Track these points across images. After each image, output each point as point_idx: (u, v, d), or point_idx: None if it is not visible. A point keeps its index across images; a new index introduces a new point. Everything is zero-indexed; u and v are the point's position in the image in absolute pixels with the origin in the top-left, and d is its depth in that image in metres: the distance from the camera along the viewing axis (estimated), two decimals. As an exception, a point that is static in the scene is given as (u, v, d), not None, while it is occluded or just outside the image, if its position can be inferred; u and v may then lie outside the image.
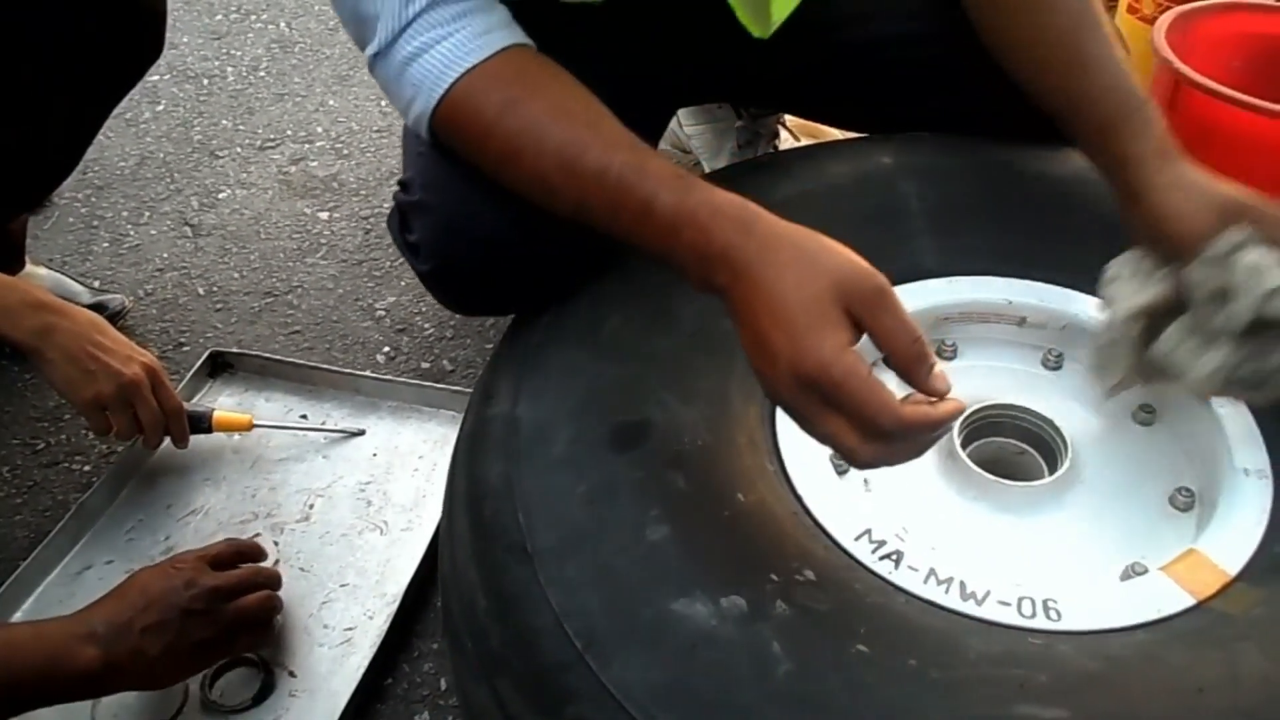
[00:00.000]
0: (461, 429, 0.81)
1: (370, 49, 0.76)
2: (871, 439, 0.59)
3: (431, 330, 1.34)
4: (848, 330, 0.60)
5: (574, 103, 0.71)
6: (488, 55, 0.73)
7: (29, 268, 1.33)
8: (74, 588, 1.01)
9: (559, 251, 0.81)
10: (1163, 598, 0.66)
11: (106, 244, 1.50)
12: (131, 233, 1.52)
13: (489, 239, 0.81)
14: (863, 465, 0.62)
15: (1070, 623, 0.65)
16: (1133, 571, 0.71)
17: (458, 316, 1.35)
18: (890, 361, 0.61)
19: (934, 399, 0.60)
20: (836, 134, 1.29)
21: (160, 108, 1.79)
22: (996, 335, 0.88)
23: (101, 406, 1.00)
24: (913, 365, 0.60)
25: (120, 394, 1.00)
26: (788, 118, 1.44)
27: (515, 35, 0.75)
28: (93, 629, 0.79)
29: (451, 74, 0.72)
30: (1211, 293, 0.71)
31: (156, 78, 1.84)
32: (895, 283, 0.82)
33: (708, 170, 1.41)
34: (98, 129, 1.19)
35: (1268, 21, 1.32)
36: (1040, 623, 0.65)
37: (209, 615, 0.85)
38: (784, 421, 0.76)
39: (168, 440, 1.12)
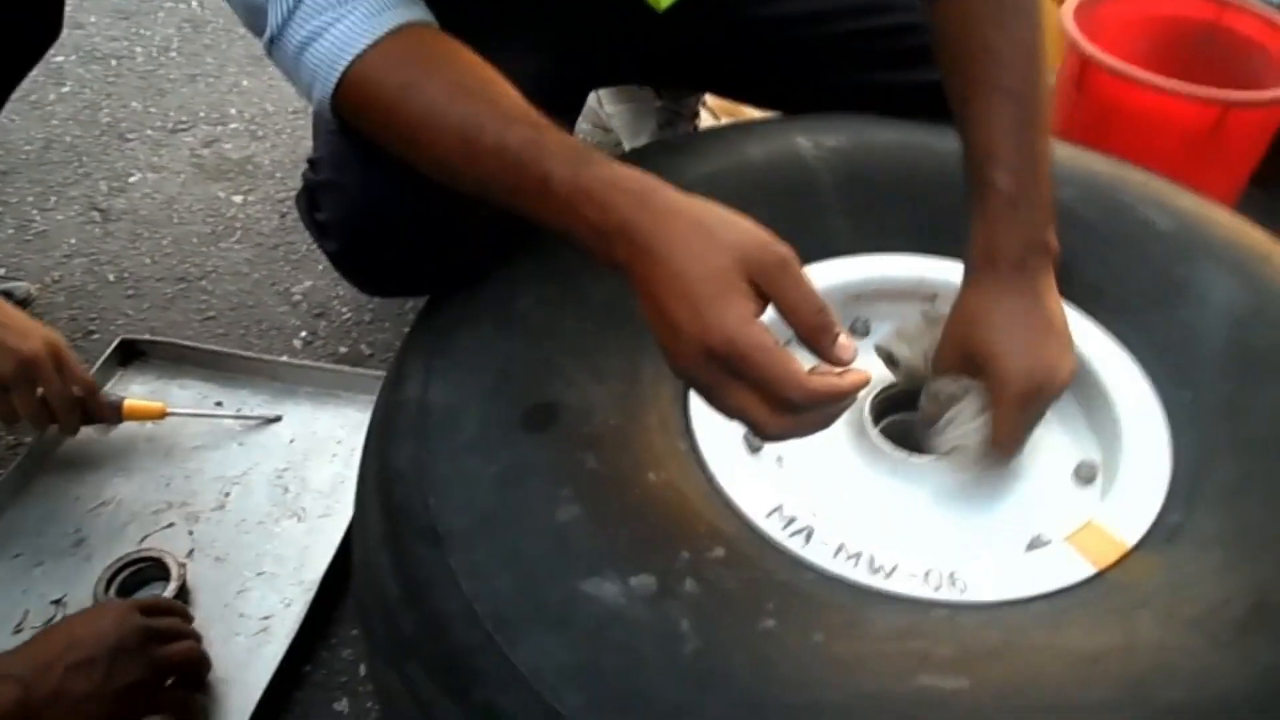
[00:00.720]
0: (373, 413, 0.80)
1: (265, 36, 0.74)
2: (779, 411, 0.59)
3: (349, 314, 1.33)
4: (752, 301, 0.60)
5: (472, 79, 0.70)
6: (381, 35, 0.71)
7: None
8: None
9: (469, 230, 0.81)
10: (1064, 568, 0.68)
11: (11, 230, 1.45)
12: (37, 218, 1.48)
13: (397, 218, 0.80)
14: (771, 438, 0.62)
15: (975, 594, 0.66)
16: (1037, 543, 0.73)
17: (376, 300, 1.33)
18: (796, 331, 0.61)
19: (840, 370, 0.61)
20: (757, 114, 1.29)
21: (66, 89, 1.74)
22: (908, 312, 0.89)
23: (2, 387, 0.96)
24: (817, 334, 0.60)
25: (21, 372, 0.95)
26: (708, 98, 1.44)
27: (412, 12, 0.73)
28: (8, 670, 0.73)
29: (345, 58, 0.71)
30: (927, 419, 0.77)
31: (61, 58, 1.78)
32: (808, 261, 0.83)
33: (627, 149, 1.41)
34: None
35: (1172, 4, 1.35)
36: (946, 595, 0.66)
37: (141, 654, 0.79)
38: (696, 401, 0.76)
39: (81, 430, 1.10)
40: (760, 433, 0.61)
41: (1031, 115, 0.77)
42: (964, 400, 0.75)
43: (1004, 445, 0.75)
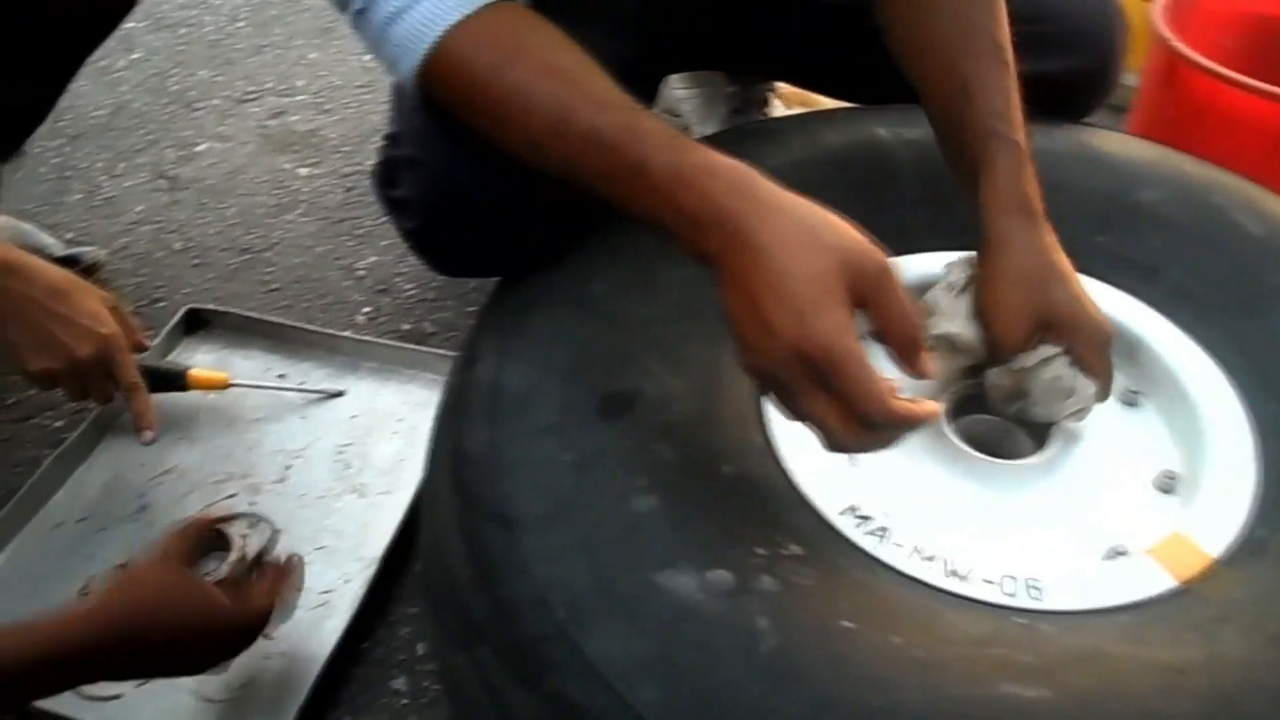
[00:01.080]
0: (444, 393, 0.79)
1: (351, 8, 0.74)
2: (855, 425, 0.59)
3: (413, 291, 1.33)
4: (850, 310, 0.59)
5: (565, 60, 0.70)
6: (472, 11, 0.70)
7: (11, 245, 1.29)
8: (46, 544, 1.00)
9: (550, 214, 0.80)
10: (1145, 579, 0.67)
11: (80, 196, 1.47)
12: (106, 185, 1.49)
13: (478, 198, 0.79)
14: (837, 449, 0.62)
15: (1053, 602, 0.65)
16: (1116, 553, 0.71)
17: (440, 278, 1.33)
18: (885, 341, 0.61)
19: (917, 402, 0.61)
20: (828, 103, 1.28)
21: (135, 56, 1.76)
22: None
23: (51, 379, 0.97)
24: (909, 349, 0.61)
25: (71, 370, 0.96)
26: (780, 85, 1.42)
27: None
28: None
29: (434, 33, 0.70)
30: (1007, 394, 0.77)
31: (132, 25, 1.79)
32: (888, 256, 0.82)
33: (696, 136, 1.39)
34: (70, 78, 1.16)
35: (1266, 2, 1.32)
36: (1023, 602, 0.65)
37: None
38: (771, 394, 0.75)
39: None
40: (829, 442, 0.61)
41: (1010, 76, 0.79)
42: (1055, 364, 0.74)
43: (1108, 392, 0.76)
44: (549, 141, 0.68)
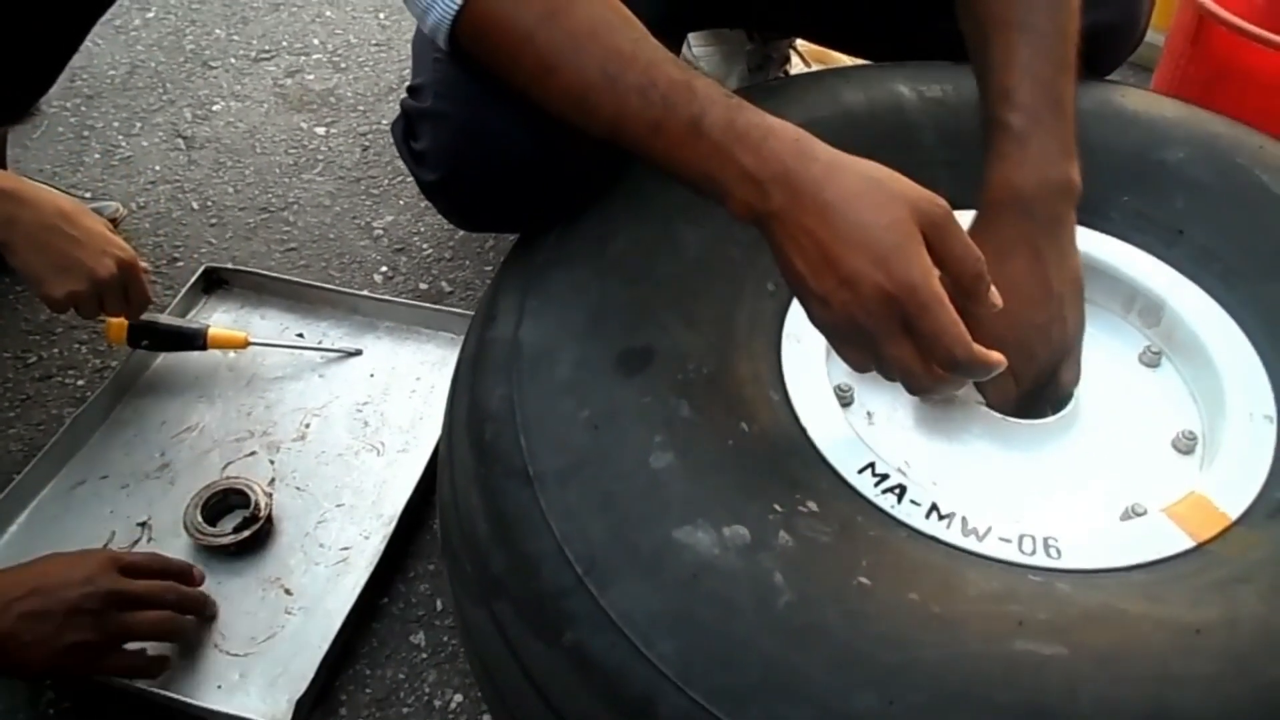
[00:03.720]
0: (463, 350, 0.80)
1: None
2: (937, 367, 0.62)
3: (430, 251, 1.33)
4: (928, 254, 0.61)
5: (614, 16, 0.69)
6: None
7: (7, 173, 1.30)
8: (68, 502, 1.01)
9: (572, 169, 0.80)
10: (1163, 539, 0.66)
11: (98, 155, 1.47)
12: (123, 144, 1.49)
13: (503, 150, 0.79)
14: (919, 391, 0.64)
15: (1070, 561, 0.65)
16: (1133, 512, 0.71)
17: (457, 237, 1.33)
18: (956, 283, 0.63)
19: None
20: (847, 60, 1.26)
21: (151, 15, 1.75)
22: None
23: (72, 302, 0.97)
24: (977, 283, 0.62)
25: (93, 291, 0.96)
26: (799, 42, 1.41)
27: None
28: None
29: None
30: None
31: (147, -16, 1.79)
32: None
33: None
34: (83, 36, 1.15)
35: (1295, -43, 1.29)
36: (1040, 560, 0.65)
37: (97, 618, 0.80)
38: (789, 352, 0.75)
39: (161, 357, 1.12)
40: (910, 384, 0.63)
41: (1051, 51, 0.76)
42: None
43: (995, 405, 0.76)
44: (599, 96, 0.67)
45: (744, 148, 0.63)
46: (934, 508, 0.67)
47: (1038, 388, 0.76)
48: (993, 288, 0.63)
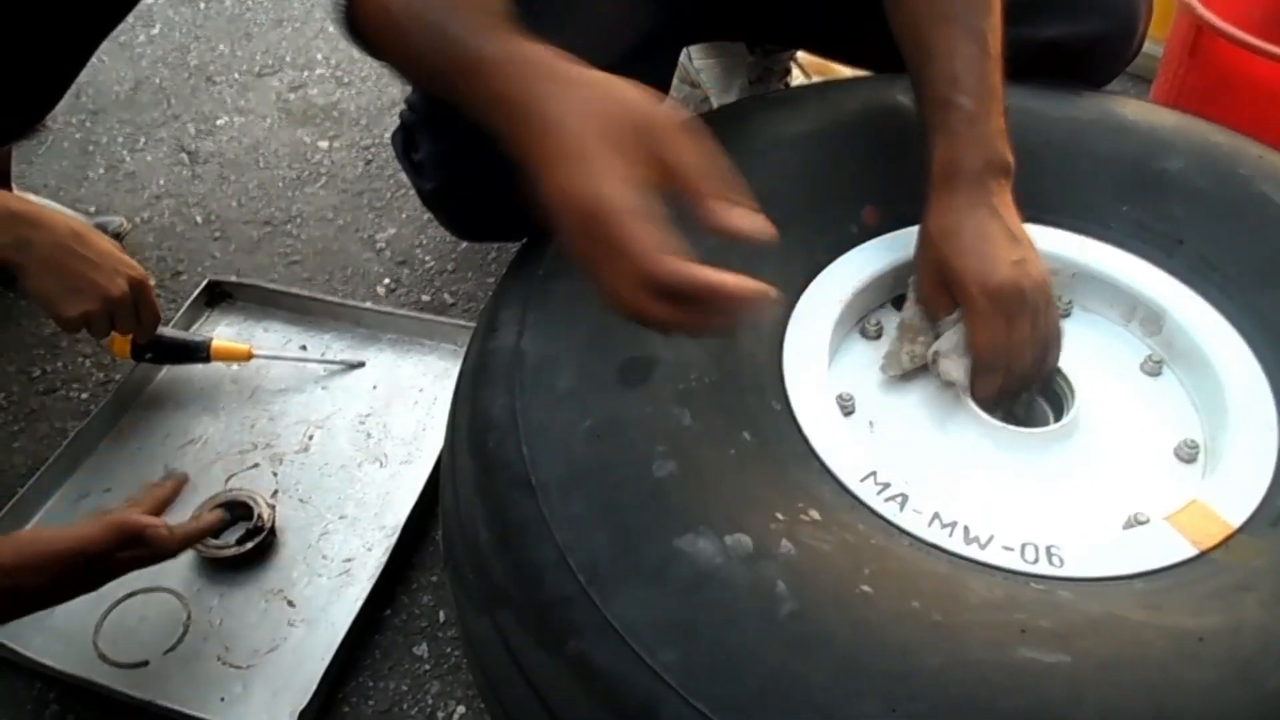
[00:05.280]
0: (465, 361, 0.80)
1: None
2: (649, 293, 0.55)
3: (433, 263, 1.33)
4: (633, 164, 0.55)
5: None
6: None
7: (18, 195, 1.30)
8: (72, 515, 1.01)
9: None
10: (1165, 547, 0.66)
11: (102, 170, 1.48)
12: (127, 159, 1.50)
13: (500, 159, 0.79)
14: (648, 324, 0.57)
15: (1072, 569, 0.65)
16: (1135, 521, 0.71)
17: (459, 249, 1.33)
18: (684, 195, 0.56)
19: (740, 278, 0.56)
20: (848, 72, 1.27)
21: (155, 31, 1.76)
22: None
23: (85, 322, 0.97)
24: (704, 196, 0.55)
25: (106, 310, 0.97)
26: (800, 55, 1.41)
27: None
28: None
29: None
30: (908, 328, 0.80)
31: (151, 0, 1.80)
32: (910, 223, 0.82)
33: (716, 105, 1.39)
34: (91, 53, 1.16)
35: (1293, -32, 1.30)
36: (1042, 568, 0.65)
37: (93, 576, 0.81)
38: (791, 361, 0.75)
39: (164, 370, 1.12)
40: (635, 316, 0.56)
41: (984, 44, 0.78)
42: (959, 326, 0.76)
43: (988, 358, 0.74)
44: (426, 56, 0.65)
45: (491, 78, 0.61)
46: (936, 516, 0.67)
47: (1027, 363, 0.76)
48: (739, 206, 0.56)
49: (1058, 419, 0.78)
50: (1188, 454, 0.76)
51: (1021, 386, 0.77)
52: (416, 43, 0.66)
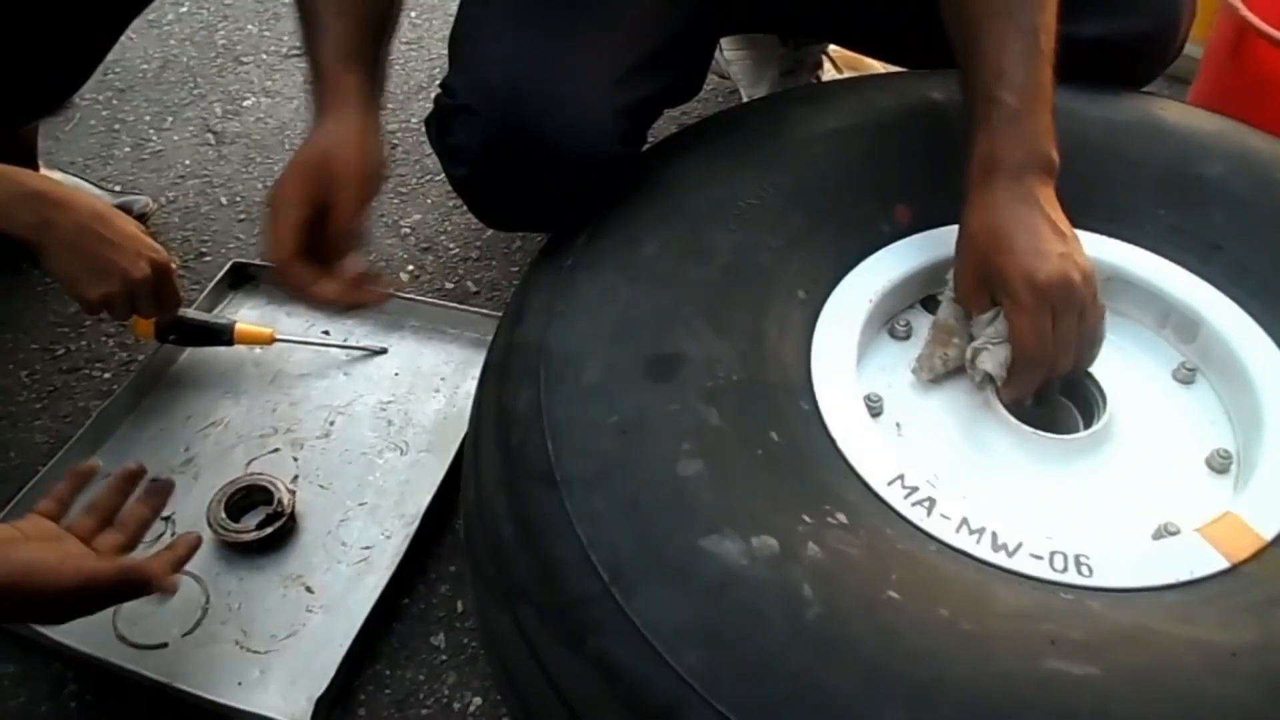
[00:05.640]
0: (490, 353, 0.79)
1: None
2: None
3: (456, 250, 1.32)
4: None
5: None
6: None
7: (45, 173, 1.30)
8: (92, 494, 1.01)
9: (604, 168, 0.79)
10: (1196, 559, 0.65)
11: (128, 149, 1.47)
12: (154, 138, 1.50)
13: (535, 148, 0.79)
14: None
15: (1102, 579, 0.64)
16: (1166, 531, 0.70)
17: (484, 237, 1.33)
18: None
19: None
20: (879, 66, 1.25)
21: (184, 10, 1.76)
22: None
23: (107, 305, 0.97)
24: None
25: (126, 292, 0.96)
26: (831, 48, 1.40)
27: None
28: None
29: None
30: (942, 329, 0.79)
31: (181, -21, 1.80)
32: (942, 223, 0.81)
33: (746, 98, 1.38)
34: (121, 31, 1.16)
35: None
36: (1071, 578, 0.64)
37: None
38: (819, 361, 0.75)
39: (187, 352, 1.12)
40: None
41: (1036, 40, 0.77)
42: (999, 320, 0.74)
43: (1031, 354, 0.73)
44: None
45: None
46: (964, 522, 0.66)
47: (1069, 360, 0.74)
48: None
49: (1088, 426, 0.77)
50: (1220, 464, 0.75)
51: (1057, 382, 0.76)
52: None
